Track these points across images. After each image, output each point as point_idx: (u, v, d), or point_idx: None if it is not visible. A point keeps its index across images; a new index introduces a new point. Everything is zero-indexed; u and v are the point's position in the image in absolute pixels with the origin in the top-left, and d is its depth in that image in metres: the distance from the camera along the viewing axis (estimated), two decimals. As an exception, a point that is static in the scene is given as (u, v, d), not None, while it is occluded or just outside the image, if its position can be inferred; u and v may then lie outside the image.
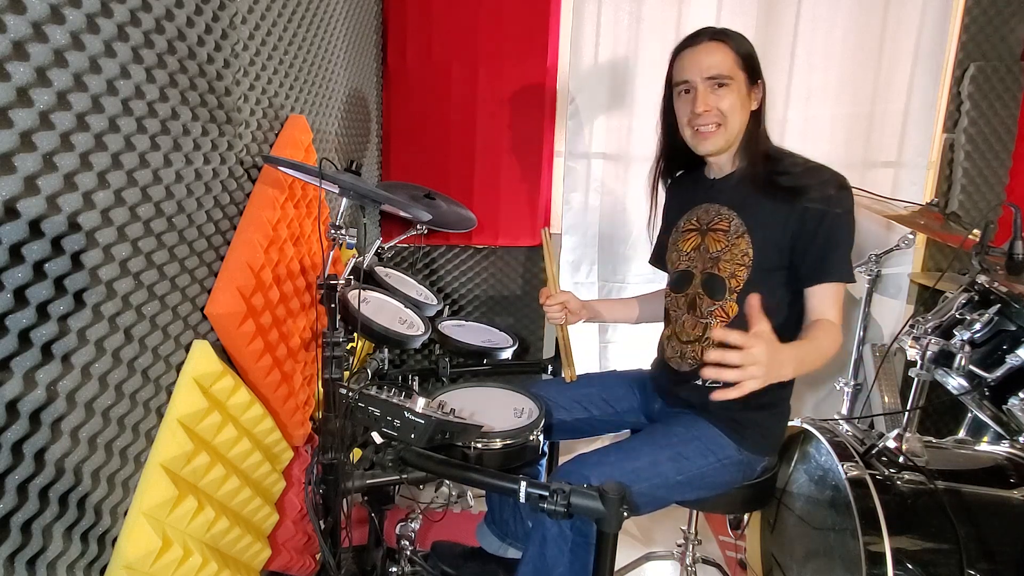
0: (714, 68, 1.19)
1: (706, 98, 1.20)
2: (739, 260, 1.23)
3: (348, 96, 1.77)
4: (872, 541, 1.02)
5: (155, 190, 0.87)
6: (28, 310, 0.66)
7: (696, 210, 1.33)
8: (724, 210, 1.27)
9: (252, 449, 1.10)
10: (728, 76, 1.19)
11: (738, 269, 1.23)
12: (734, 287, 1.24)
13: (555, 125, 2.17)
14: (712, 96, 1.20)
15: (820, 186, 1.16)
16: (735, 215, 1.25)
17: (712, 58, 1.19)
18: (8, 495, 0.65)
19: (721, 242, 1.26)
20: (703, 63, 1.20)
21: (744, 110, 1.22)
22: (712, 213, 1.29)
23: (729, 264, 1.24)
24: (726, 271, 1.24)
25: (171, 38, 0.89)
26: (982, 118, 2.12)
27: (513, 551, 1.48)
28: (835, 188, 1.16)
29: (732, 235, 1.24)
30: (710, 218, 1.29)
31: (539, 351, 2.35)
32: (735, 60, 1.19)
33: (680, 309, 1.34)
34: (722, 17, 2.05)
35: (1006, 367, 1.16)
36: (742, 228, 1.23)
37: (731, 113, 1.20)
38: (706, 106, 1.20)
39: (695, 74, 1.21)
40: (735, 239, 1.23)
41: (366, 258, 1.57)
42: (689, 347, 1.30)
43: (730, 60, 1.19)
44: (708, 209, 1.30)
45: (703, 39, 1.21)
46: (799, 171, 1.20)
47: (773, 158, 1.23)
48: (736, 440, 1.22)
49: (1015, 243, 1.25)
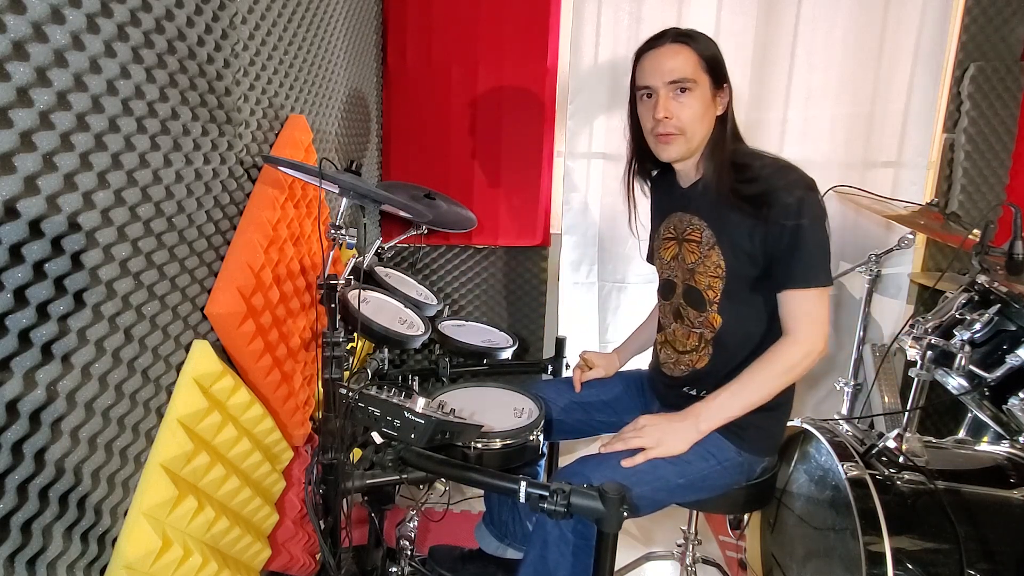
0: (676, 72, 1.15)
1: (667, 105, 1.16)
2: (713, 272, 1.21)
3: (348, 96, 1.77)
4: (872, 541, 1.02)
5: (155, 190, 0.87)
6: (28, 310, 0.66)
7: (672, 218, 1.32)
8: (696, 220, 1.25)
9: (252, 449, 1.10)
10: (691, 80, 1.15)
11: (713, 281, 1.22)
12: (712, 299, 1.22)
13: (555, 125, 2.17)
14: (673, 103, 1.17)
15: (785, 191, 1.11)
16: (705, 226, 1.22)
17: (673, 62, 1.16)
18: (8, 495, 0.65)
19: (695, 253, 1.24)
20: (664, 67, 1.16)
21: (707, 116, 1.19)
22: (685, 223, 1.27)
23: (704, 276, 1.23)
24: (703, 283, 1.23)
25: (171, 38, 0.89)
26: (982, 118, 2.12)
27: (512, 551, 1.48)
28: (801, 190, 1.12)
29: (704, 246, 1.22)
30: (684, 227, 1.28)
31: (539, 351, 2.35)
32: (698, 63, 1.16)
33: (668, 317, 1.34)
34: (722, 17, 2.04)
35: (1006, 367, 1.16)
36: (712, 239, 1.21)
37: (692, 122, 1.17)
38: (667, 113, 1.16)
39: (656, 79, 1.17)
40: (707, 251, 1.22)
41: (366, 258, 1.57)
42: (685, 356, 1.30)
43: (692, 63, 1.16)
44: (682, 218, 1.29)
45: (665, 41, 1.18)
46: (764, 176, 1.15)
47: (738, 165, 1.18)
48: (736, 443, 1.21)
49: (1015, 243, 1.25)
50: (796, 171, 1.15)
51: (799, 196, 1.11)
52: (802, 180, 1.14)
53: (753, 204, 1.13)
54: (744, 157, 1.20)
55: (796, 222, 1.10)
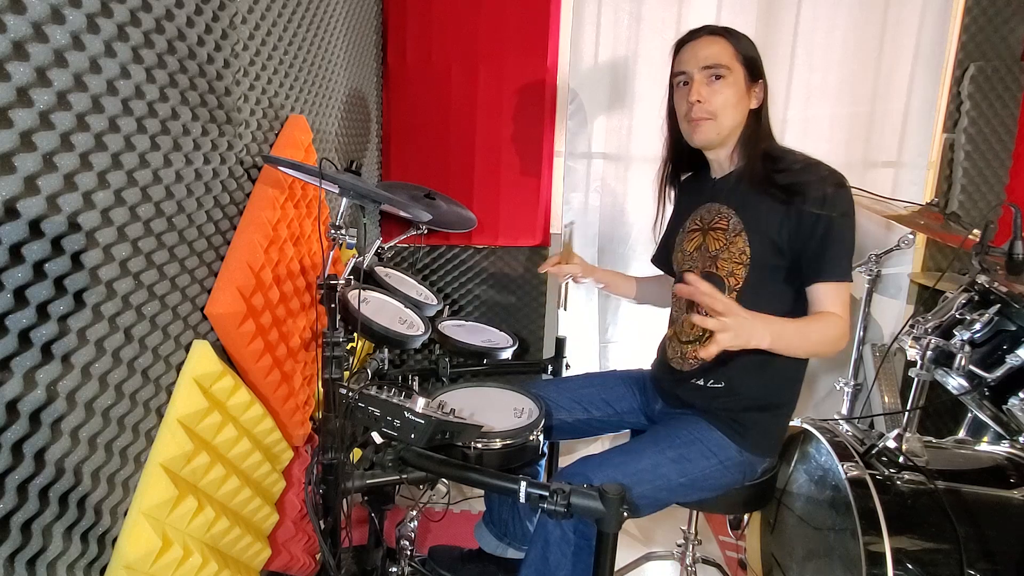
0: (711, 58, 1.19)
1: (700, 88, 1.20)
2: (737, 258, 1.22)
3: (348, 96, 1.77)
4: (872, 541, 1.02)
5: (155, 190, 0.87)
6: (28, 310, 0.66)
7: (700, 210, 1.33)
8: (724, 209, 1.27)
9: (252, 449, 1.10)
10: (725, 67, 1.19)
11: (736, 267, 1.23)
12: (733, 285, 1.23)
13: (555, 125, 2.17)
14: (706, 88, 1.20)
15: (818, 184, 1.15)
16: (734, 213, 1.24)
17: (709, 49, 1.20)
18: (8, 495, 0.65)
19: (720, 240, 1.26)
20: (700, 54, 1.21)
21: (740, 106, 1.22)
22: (713, 212, 1.29)
23: (727, 263, 1.24)
24: (724, 269, 1.24)
25: (171, 38, 0.89)
26: (982, 118, 2.12)
27: (512, 551, 1.48)
28: (833, 186, 1.15)
29: (730, 233, 1.24)
30: (711, 217, 1.29)
31: (539, 351, 2.35)
32: (733, 53, 1.20)
33: (681, 310, 1.34)
34: (722, 17, 2.04)
35: (1006, 367, 1.16)
36: (740, 226, 1.23)
37: (723, 108, 1.20)
38: (699, 96, 1.20)
39: (692, 64, 1.21)
40: (733, 237, 1.23)
41: (366, 258, 1.57)
42: (689, 347, 1.30)
43: (728, 53, 1.20)
44: (710, 208, 1.30)
45: (703, 33, 1.23)
46: (797, 169, 1.19)
47: (772, 156, 1.22)
48: (737, 442, 1.22)
49: (1015, 243, 1.25)
50: (829, 167, 1.19)
51: (837, 190, 1.15)
52: (835, 176, 1.17)
53: (786, 193, 1.16)
54: (778, 151, 1.24)
55: (830, 215, 1.13)
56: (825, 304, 1.16)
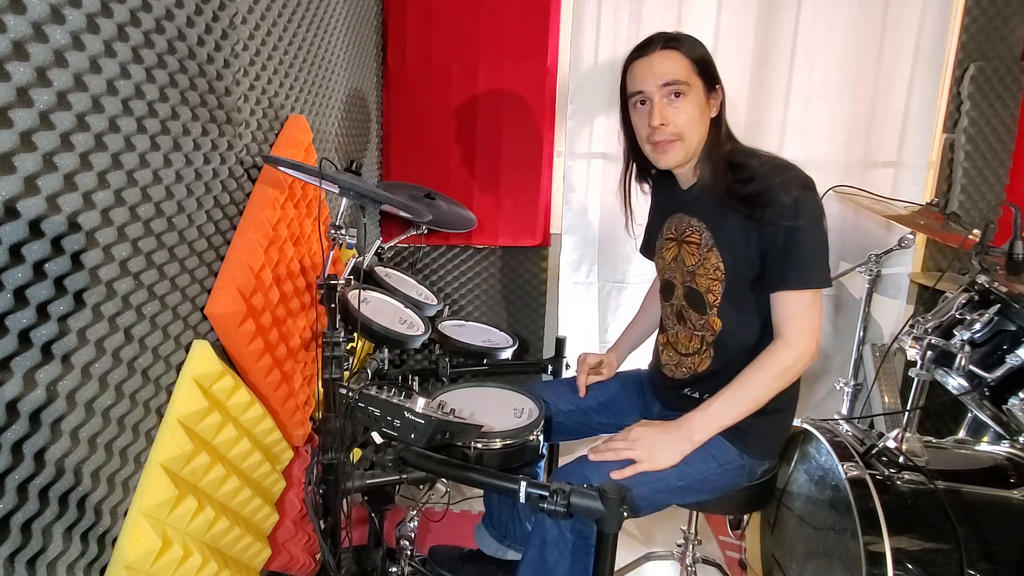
0: (669, 75, 1.14)
1: (662, 111, 1.15)
2: (712, 275, 1.21)
3: (348, 96, 1.77)
4: (872, 541, 1.02)
5: (155, 190, 0.87)
6: (28, 310, 0.66)
7: (672, 219, 1.31)
8: (695, 222, 1.24)
9: (252, 449, 1.10)
10: (684, 82, 1.14)
11: (712, 284, 1.21)
12: (712, 302, 1.22)
13: (555, 125, 2.17)
14: (669, 109, 1.15)
15: (781, 189, 1.10)
16: (704, 227, 1.22)
17: (665, 65, 1.14)
18: (8, 495, 0.65)
19: (695, 255, 1.24)
20: (656, 71, 1.15)
21: (703, 120, 1.18)
22: (684, 224, 1.27)
23: (704, 279, 1.22)
24: (703, 286, 1.23)
25: (171, 38, 0.89)
26: (982, 118, 2.12)
27: (511, 552, 1.48)
28: (798, 189, 1.10)
29: (703, 248, 1.22)
30: (683, 229, 1.27)
31: (539, 351, 2.35)
32: (690, 66, 1.15)
33: (671, 319, 1.33)
34: (722, 17, 2.04)
35: (1006, 367, 1.16)
36: (711, 241, 1.20)
37: (688, 126, 1.16)
38: (663, 119, 1.15)
39: (649, 84, 1.16)
40: (706, 253, 1.21)
41: (366, 258, 1.57)
42: (687, 359, 1.29)
43: (684, 66, 1.15)
44: (681, 219, 1.28)
45: (655, 47, 1.16)
46: (761, 175, 1.14)
47: (735, 165, 1.17)
48: (738, 445, 1.21)
49: (1015, 243, 1.25)
50: (793, 170, 1.14)
51: (795, 196, 1.10)
52: (798, 179, 1.12)
53: (749, 204, 1.12)
54: (740, 156, 1.20)
55: (791, 223, 1.09)
56: (783, 315, 1.13)
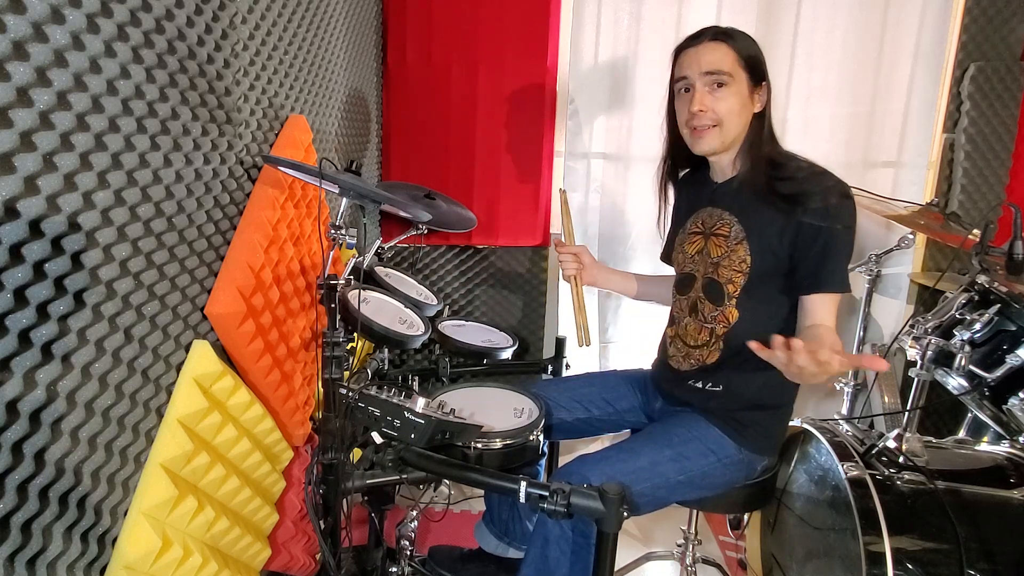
0: (713, 64, 1.17)
1: (703, 98, 1.18)
2: (736, 267, 1.22)
3: (348, 96, 1.77)
4: (872, 541, 1.02)
5: (155, 190, 0.87)
6: (28, 310, 0.66)
7: (701, 213, 1.33)
8: (726, 215, 1.26)
9: (252, 449, 1.10)
10: (727, 74, 1.17)
11: (735, 275, 1.22)
12: (731, 292, 1.23)
13: (555, 125, 2.17)
14: (709, 97, 1.18)
15: (821, 194, 1.13)
16: (736, 221, 1.24)
17: (711, 55, 1.18)
18: (8, 495, 0.65)
19: (721, 247, 1.25)
20: (702, 60, 1.18)
21: (744, 112, 1.20)
22: (715, 217, 1.28)
23: (727, 270, 1.23)
24: (724, 276, 1.24)
25: (171, 38, 0.89)
26: (982, 118, 2.12)
27: (512, 551, 1.48)
28: (837, 197, 1.13)
29: (732, 241, 1.23)
30: (713, 222, 1.28)
31: (539, 351, 2.35)
32: (735, 59, 1.18)
33: (683, 312, 1.34)
34: (722, 17, 2.04)
35: (1006, 367, 1.16)
36: (741, 234, 1.22)
37: (728, 115, 1.18)
38: (702, 106, 1.18)
39: (693, 71, 1.19)
40: (734, 245, 1.22)
41: (366, 258, 1.56)
42: (696, 351, 1.30)
43: (730, 59, 1.17)
44: (712, 213, 1.30)
45: (704, 38, 1.20)
46: (801, 177, 1.17)
47: (776, 163, 1.20)
48: (737, 440, 1.22)
49: (1015, 243, 1.25)
50: (834, 177, 1.17)
51: (841, 201, 1.13)
52: (841, 186, 1.15)
53: (788, 203, 1.15)
54: (782, 157, 1.22)
55: (832, 227, 1.12)
56: (818, 315, 1.15)
